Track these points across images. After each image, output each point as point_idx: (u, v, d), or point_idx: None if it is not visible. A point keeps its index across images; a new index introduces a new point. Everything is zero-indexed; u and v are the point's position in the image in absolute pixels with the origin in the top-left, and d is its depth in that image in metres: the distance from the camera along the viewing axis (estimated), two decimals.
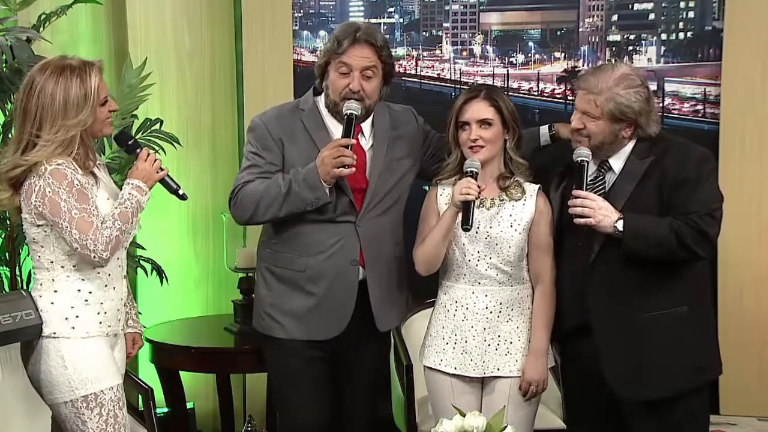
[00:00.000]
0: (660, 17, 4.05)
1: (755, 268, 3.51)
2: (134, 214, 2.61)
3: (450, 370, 2.91)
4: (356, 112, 2.87)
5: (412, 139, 3.06)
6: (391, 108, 3.10)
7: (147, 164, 2.66)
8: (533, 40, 4.16)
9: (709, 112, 3.98)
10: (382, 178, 2.98)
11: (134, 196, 2.61)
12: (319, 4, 4.29)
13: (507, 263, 2.86)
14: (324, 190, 2.85)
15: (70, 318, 2.60)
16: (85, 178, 2.60)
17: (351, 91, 2.89)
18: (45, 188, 2.53)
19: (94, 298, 2.64)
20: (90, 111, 2.57)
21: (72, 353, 2.60)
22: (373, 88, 2.93)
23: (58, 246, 2.60)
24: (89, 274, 2.63)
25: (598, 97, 2.76)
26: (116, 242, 2.56)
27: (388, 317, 3.07)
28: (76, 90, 2.56)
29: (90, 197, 2.57)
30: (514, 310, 2.89)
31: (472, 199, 2.74)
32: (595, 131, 2.78)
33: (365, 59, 2.89)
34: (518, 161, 2.88)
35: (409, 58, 4.22)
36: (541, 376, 2.86)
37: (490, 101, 2.86)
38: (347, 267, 2.96)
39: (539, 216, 2.87)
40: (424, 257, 2.89)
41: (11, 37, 3.56)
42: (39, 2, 3.85)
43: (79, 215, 2.52)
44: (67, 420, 2.62)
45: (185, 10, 4.30)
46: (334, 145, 2.83)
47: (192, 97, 4.34)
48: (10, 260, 3.72)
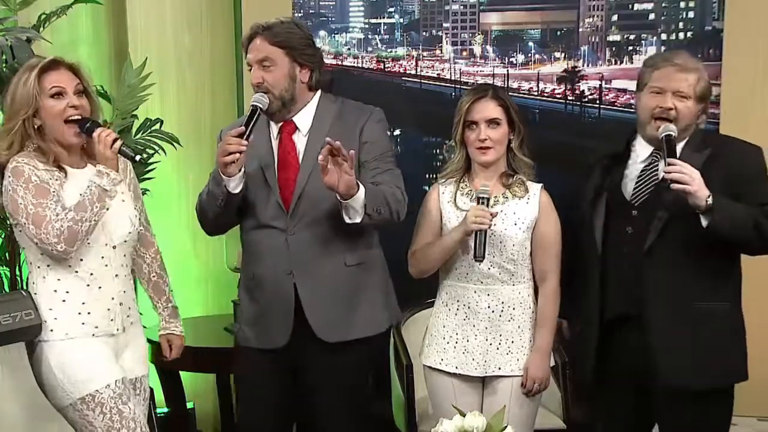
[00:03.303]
0: (660, 17, 4.05)
1: (756, 269, 3.49)
2: (95, 201, 2.54)
3: (451, 369, 2.91)
4: (259, 103, 2.81)
5: (351, 142, 2.84)
6: (346, 104, 2.99)
7: (101, 145, 2.59)
8: (533, 40, 4.17)
9: (709, 112, 3.98)
10: (313, 177, 2.85)
11: (94, 182, 2.56)
12: (319, 4, 4.30)
13: (510, 261, 2.86)
14: (223, 182, 2.79)
15: (49, 320, 2.59)
16: (48, 173, 2.58)
17: (255, 85, 2.86)
18: (8, 187, 2.55)
19: (72, 298, 2.60)
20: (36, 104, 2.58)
21: (56, 358, 2.58)
22: (274, 77, 2.84)
23: (31, 246, 2.59)
24: (64, 274, 2.60)
25: (692, 75, 2.75)
26: (69, 233, 2.50)
27: (335, 330, 2.89)
28: (20, 84, 2.60)
29: (50, 191, 2.55)
30: (516, 309, 2.89)
31: (486, 228, 2.74)
32: (684, 112, 2.75)
33: (257, 51, 2.86)
34: (523, 160, 2.89)
35: (409, 58, 4.23)
36: (545, 374, 2.87)
37: (498, 101, 2.86)
38: (282, 277, 2.89)
39: (543, 214, 2.88)
40: (418, 266, 2.90)
41: (11, 37, 3.56)
42: (39, 2, 3.86)
43: (34, 210, 2.51)
44: (75, 423, 2.62)
45: (185, 10, 4.32)
46: (226, 135, 2.78)
47: (192, 98, 4.35)
48: (9, 260, 3.72)
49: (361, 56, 4.26)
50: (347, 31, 4.28)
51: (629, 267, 2.80)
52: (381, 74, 4.25)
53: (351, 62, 4.26)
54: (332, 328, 2.88)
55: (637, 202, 2.82)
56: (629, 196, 2.83)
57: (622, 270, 2.82)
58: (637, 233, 2.79)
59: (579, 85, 4.10)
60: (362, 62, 4.26)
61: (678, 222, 2.73)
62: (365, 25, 4.27)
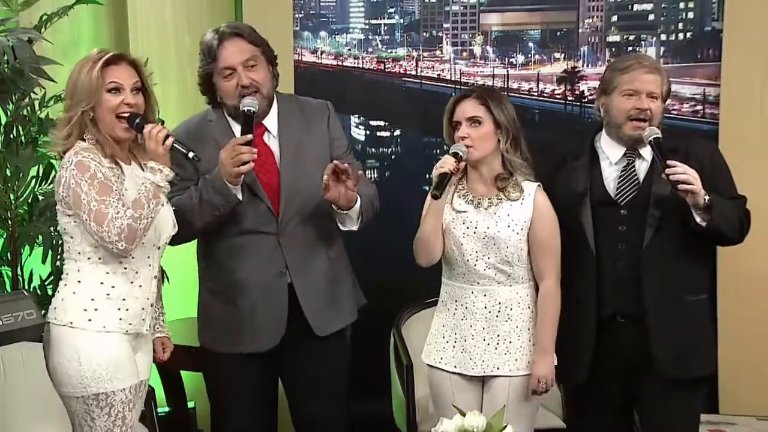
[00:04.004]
0: (659, 18, 4.07)
1: (754, 268, 3.53)
2: (150, 197, 2.57)
3: (450, 368, 2.92)
4: (253, 107, 2.80)
5: (321, 139, 2.96)
6: (301, 101, 3.02)
7: (152, 142, 2.62)
8: (533, 41, 4.19)
9: (708, 113, 4.00)
10: (294, 171, 2.89)
11: (148, 179, 2.59)
12: (319, 5, 4.31)
13: (505, 263, 2.87)
14: (231, 192, 2.79)
15: (89, 310, 2.59)
16: (110, 170, 2.60)
17: (244, 88, 2.83)
18: (70, 179, 2.55)
19: (116, 293, 2.62)
20: (95, 97, 2.59)
21: (87, 348, 2.58)
22: (262, 76, 2.86)
23: (85, 237, 2.60)
24: (115, 268, 2.62)
25: (658, 75, 2.84)
26: (129, 231, 2.53)
27: (328, 323, 2.97)
28: (83, 73, 2.60)
29: (113, 189, 2.57)
30: (514, 309, 2.89)
31: (446, 171, 2.75)
32: (657, 112, 2.84)
33: (240, 52, 2.84)
34: (515, 161, 2.88)
35: (410, 58, 4.25)
36: (550, 373, 2.87)
37: (480, 100, 2.87)
38: (274, 278, 2.90)
39: (538, 215, 2.87)
40: (418, 244, 2.90)
41: (13, 38, 3.58)
42: (40, 3, 3.87)
43: (97, 207, 2.52)
44: (76, 414, 2.62)
45: (186, 11, 4.32)
46: (232, 144, 2.76)
47: (193, 98, 4.31)
48: (11, 260, 3.74)
49: (361, 57, 4.27)
50: (348, 31, 4.29)
51: (627, 264, 2.85)
52: (381, 75, 4.27)
53: (351, 63, 4.28)
54: (325, 323, 2.95)
55: (623, 201, 2.87)
56: (614, 195, 2.88)
57: (619, 268, 2.86)
58: (631, 231, 2.85)
59: (579, 86, 4.12)
60: (363, 63, 4.27)
61: (671, 219, 2.80)
62: (366, 25, 4.29)
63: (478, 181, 2.90)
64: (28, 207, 3.77)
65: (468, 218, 2.88)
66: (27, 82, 3.66)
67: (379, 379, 3.79)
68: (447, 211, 2.91)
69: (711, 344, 2.98)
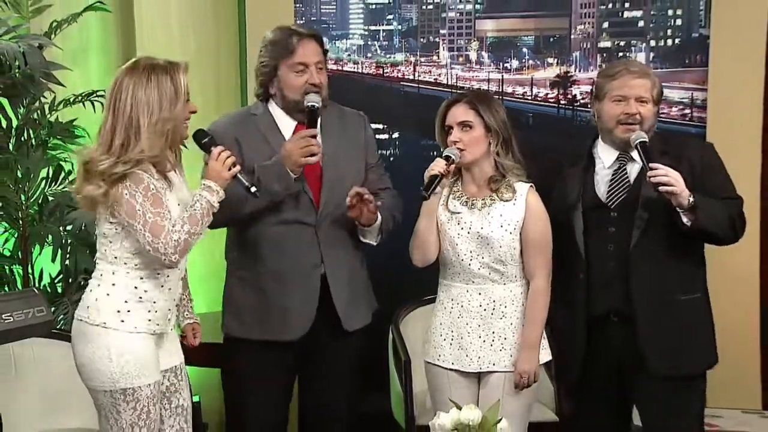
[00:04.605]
0: (649, 24, 4.09)
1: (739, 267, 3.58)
2: (204, 215, 2.63)
3: (447, 365, 2.97)
4: (317, 103, 2.92)
5: (357, 143, 3.10)
6: (340, 107, 3.14)
7: (218, 164, 2.67)
8: (527, 47, 4.21)
9: (696, 116, 4.03)
10: (335, 167, 3.00)
11: (204, 197, 2.63)
12: (320, 11, 4.33)
13: (499, 262, 2.91)
14: (292, 180, 2.89)
15: (122, 311, 2.64)
16: (160, 182, 2.65)
17: (312, 86, 2.95)
18: (123, 191, 2.58)
19: (148, 297, 2.67)
20: (183, 105, 2.64)
21: (118, 346, 2.63)
22: (325, 80, 3.00)
23: (125, 244, 2.64)
24: (149, 274, 2.67)
25: (648, 80, 2.87)
26: (185, 245, 2.60)
27: (356, 317, 3.07)
28: (168, 86, 2.63)
29: (164, 201, 2.62)
30: (508, 307, 2.93)
31: (436, 174, 2.81)
32: (647, 116, 2.87)
33: (316, 54, 2.97)
34: (507, 164, 2.92)
35: (408, 63, 4.27)
36: (532, 368, 2.89)
37: (470, 105, 2.91)
38: (309, 270, 2.99)
39: (530, 215, 2.90)
40: (413, 244, 2.95)
41: (24, 44, 3.62)
42: (51, 10, 3.90)
43: (153, 219, 2.57)
44: (103, 407, 2.68)
45: (191, 17, 4.34)
46: (300, 136, 2.88)
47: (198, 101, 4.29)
48: (22, 259, 3.77)
49: (360, 62, 4.30)
50: (347, 37, 4.32)
51: (615, 264, 2.90)
52: (380, 79, 4.30)
53: (351, 68, 4.31)
54: (352, 318, 3.05)
55: (613, 204, 2.92)
56: (604, 198, 2.93)
57: (608, 268, 2.90)
58: (620, 232, 2.89)
59: (571, 90, 4.15)
60: (362, 68, 4.30)
61: (658, 220, 2.84)
62: (365, 31, 4.31)
63: (472, 183, 2.95)
64: (39, 207, 3.81)
65: (462, 219, 2.93)
66: (37, 86, 3.70)
67: (379, 375, 3.81)
68: (442, 212, 2.96)
69: (706, 342, 2.96)
